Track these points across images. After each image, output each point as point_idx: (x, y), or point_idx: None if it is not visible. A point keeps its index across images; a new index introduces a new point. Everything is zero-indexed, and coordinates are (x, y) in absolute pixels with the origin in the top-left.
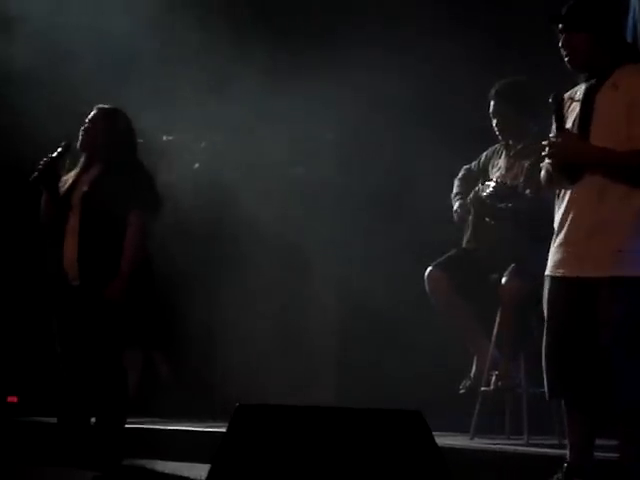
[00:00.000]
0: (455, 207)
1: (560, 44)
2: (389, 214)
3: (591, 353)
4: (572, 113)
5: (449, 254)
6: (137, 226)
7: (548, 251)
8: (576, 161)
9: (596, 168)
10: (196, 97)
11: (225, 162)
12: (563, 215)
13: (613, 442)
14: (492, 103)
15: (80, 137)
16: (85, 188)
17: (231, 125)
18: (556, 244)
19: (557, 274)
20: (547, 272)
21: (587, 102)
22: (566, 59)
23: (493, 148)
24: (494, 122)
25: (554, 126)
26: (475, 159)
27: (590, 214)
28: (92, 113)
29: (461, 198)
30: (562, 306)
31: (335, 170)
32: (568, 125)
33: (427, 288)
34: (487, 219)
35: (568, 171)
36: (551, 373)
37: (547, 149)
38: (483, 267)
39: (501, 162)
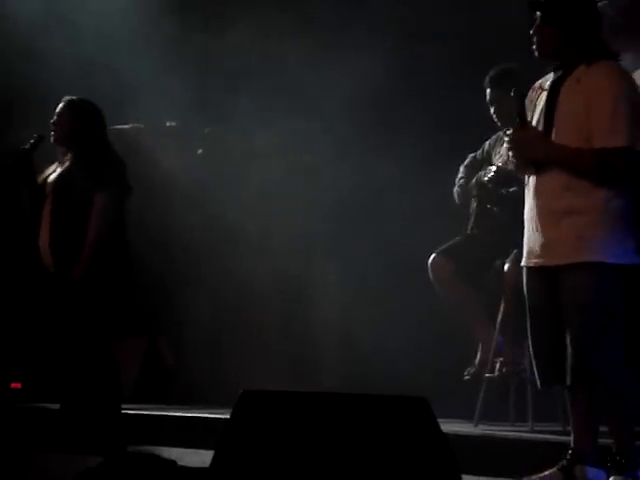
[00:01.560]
0: (455, 188)
1: (531, 31)
2: (393, 200)
3: (568, 337)
4: (540, 103)
5: (452, 241)
6: (100, 208)
7: None
8: (535, 158)
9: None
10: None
11: (227, 149)
12: (530, 203)
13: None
14: (488, 91)
15: (51, 131)
16: (54, 177)
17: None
18: (526, 233)
19: (528, 264)
20: (522, 263)
21: (552, 94)
22: (534, 47)
23: (496, 136)
24: (492, 110)
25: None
26: (479, 148)
27: (555, 202)
28: (59, 105)
29: (463, 182)
30: (535, 295)
31: (336, 157)
32: (535, 115)
33: (431, 275)
34: (489, 205)
35: (533, 161)
36: (538, 361)
37: (508, 142)
38: (486, 253)
39: (503, 150)
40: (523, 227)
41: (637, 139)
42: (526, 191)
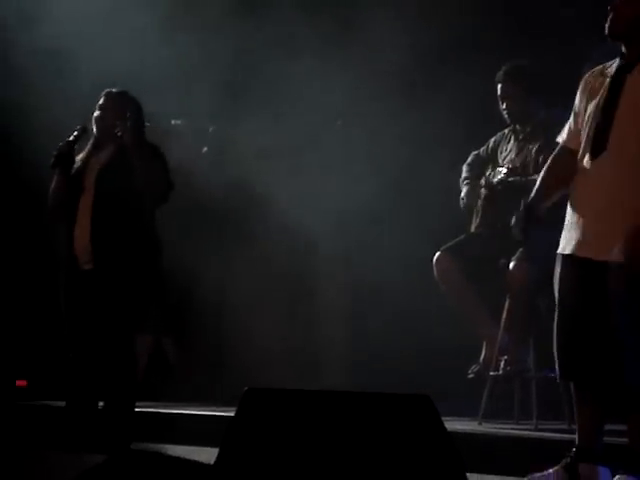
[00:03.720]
0: (463, 194)
1: (609, 7)
2: (398, 199)
3: (603, 334)
4: (600, 90)
5: (458, 239)
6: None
7: (555, 235)
8: None
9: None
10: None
11: (234, 146)
12: (591, 193)
13: (622, 427)
14: (500, 86)
15: (94, 122)
16: (100, 167)
17: (242, 110)
18: (572, 221)
19: (571, 252)
20: (560, 250)
21: (617, 81)
22: (607, 24)
23: (501, 133)
24: (503, 105)
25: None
26: (483, 145)
27: (612, 194)
28: (102, 98)
29: (469, 183)
30: (575, 286)
31: (342, 155)
32: (593, 103)
33: (435, 273)
34: (502, 198)
35: (591, 146)
36: (563, 353)
37: None
38: (492, 252)
39: (510, 146)
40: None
41: None
42: (578, 178)
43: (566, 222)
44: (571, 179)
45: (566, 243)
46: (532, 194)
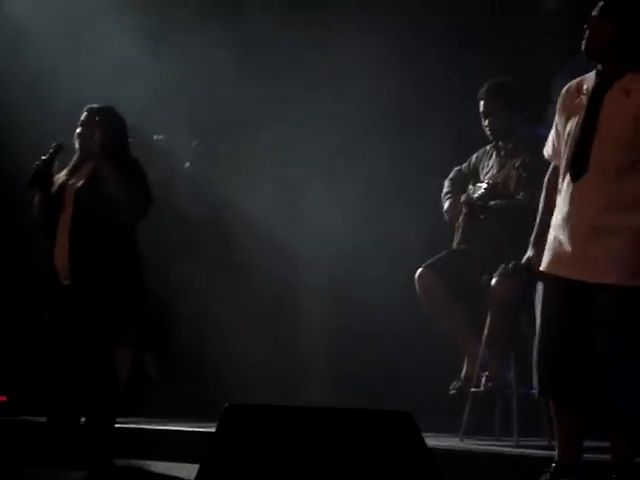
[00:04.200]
0: (445, 207)
1: (585, 25)
2: (379, 215)
3: (586, 354)
4: (578, 108)
5: (439, 255)
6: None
7: None
8: None
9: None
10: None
11: (215, 161)
12: (566, 212)
13: (602, 443)
14: (482, 102)
15: (76, 138)
16: (79, 185)
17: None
18: (556, 241)
19: (558, 273)
20: (544, 268)
21: (595, 101)
22: (584, 42)
23: (483, 149)
24: (485, 122)
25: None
26: (465, 161)
27: (600, 218)
28: (84, 114)
29: (450, 198)
30: (559, 306)
31: (324, 169)
32: (571, 122)
33: (417, 289)
34: (482, 216)
35: (571, 169)
36: (543, 371)
37: None
38: (473, 268)
39: (491, 162)
40: (511, 243)
41: None
42: (559, 197)
43: (549, 241)
44: None
45: (550, 263)
46: (536, 227)
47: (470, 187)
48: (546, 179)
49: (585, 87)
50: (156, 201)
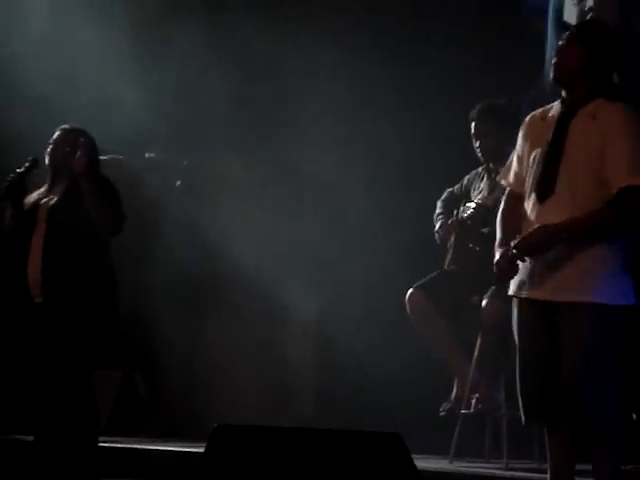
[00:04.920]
0: (436, 227)
1: (554, 53)
2: (369, 236)
3: (558, 374)
4: (542, 136)
5: (430, 276)
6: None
7: None
8: (548, 247)
9: (567, 190)
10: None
11: (206, 180)
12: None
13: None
14: (474, 124)
15: (47, 155)
16: (52, 203)
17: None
18: (523, 265)
19: (520, 295)
20: (512, 292)
21: (561, 127)
22: (553, 69)
23: (475, 171)
24: (476, 143)
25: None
26: (458, 182)
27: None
28: (56, 133)
29: (442, 219)
30: (528, 328)
31: (317, 185)
32: (537, 150)
33: (408, 309)
34: (470, 245)
35: (538, 190)
36: (525, 396)
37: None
38: (464, 289)
39: (483, 185)
40: None
41: None
42: (529, 221)
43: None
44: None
45: (517, 286)
46: (496, 247)
47: (461, 207)
48: (502, 205)
49: (550, 114)
50: (145, 219)
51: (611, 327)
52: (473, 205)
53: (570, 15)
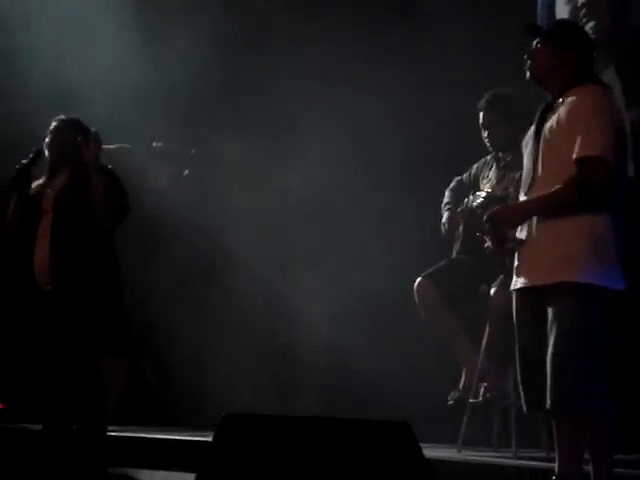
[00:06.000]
0: (444, 219)
1: (526, 55)
2: (378, 226)
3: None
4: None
5: (438, 265)
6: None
7: None
8: (514, 225)
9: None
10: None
11: (214, 170)
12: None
13: None
14: (482, 114)
15: (45, 147)
16: (58, 191)
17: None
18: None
19: (515, 286)
20: (511, 288)
21: (539, 123)
22: (527, 69)
23: (484, 160)
24: (485, 133)
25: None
26: (466, 171)
27: (539, 223)
28: (53, 124)
29: (450, 209)
30: (522, 318)
31: (323, 178)
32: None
33: (416, 299)
34: (478, 234)
35: (523, 185)
36: (524, 386)
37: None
38: (472, 278)
39: (491, 174)
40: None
41: (611, 157)
42: None
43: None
44: None
45: (514, 280)
46: None
47: (470, 196)
48: None
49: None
50: (153, 209)
51: (597, 309)
52: (484, 194)
53: (561, 14)
